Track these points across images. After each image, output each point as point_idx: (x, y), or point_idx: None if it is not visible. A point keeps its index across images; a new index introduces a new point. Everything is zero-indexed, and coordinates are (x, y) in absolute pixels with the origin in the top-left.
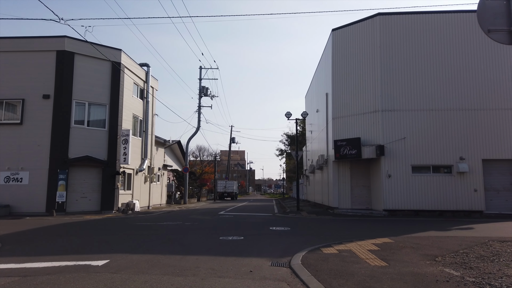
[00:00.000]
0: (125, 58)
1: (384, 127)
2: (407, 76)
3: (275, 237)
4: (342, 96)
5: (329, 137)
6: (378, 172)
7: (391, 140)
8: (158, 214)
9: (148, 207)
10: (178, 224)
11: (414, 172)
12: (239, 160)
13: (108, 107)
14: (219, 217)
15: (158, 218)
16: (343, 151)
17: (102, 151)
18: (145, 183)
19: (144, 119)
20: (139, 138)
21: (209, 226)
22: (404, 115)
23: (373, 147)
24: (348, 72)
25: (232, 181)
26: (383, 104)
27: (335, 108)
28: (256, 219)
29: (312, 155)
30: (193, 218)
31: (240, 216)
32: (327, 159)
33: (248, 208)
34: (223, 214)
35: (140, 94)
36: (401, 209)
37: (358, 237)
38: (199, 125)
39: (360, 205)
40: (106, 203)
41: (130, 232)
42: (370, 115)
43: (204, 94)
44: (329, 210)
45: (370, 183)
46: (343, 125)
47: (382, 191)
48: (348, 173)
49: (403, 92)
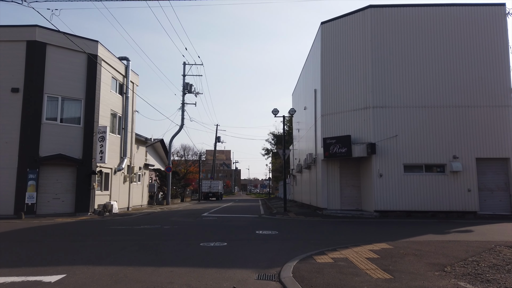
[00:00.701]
0: (102, 51)
1: (376, 125)
2: (399, 71)
3: (261, 243)
4: (331, 92)
5: (318, 135)
6: (369, 171)
7: (382, 138)
8: (136, 216)
9: (128, 208)
10: (156, 227)
11: (406, 172)
12: (224, 159)
13: (84, 102)
14: (201, 220)
15: (135, 221)
16: (333, 150)
17: (76, 149)
18: (124, 183)
19: (123, 115)
20: (117, 136)
21: (189, 230)
22: (396, 112)
23: (364, 145)
24: (338, 67)
25: (217, 181)
26: (374, 101)
27: (324, 105)
28: (241, 222)
29: (300, 154)
30: (173, 221)
31: (224, 218)
32: (316, 158)
33: (233, 209)
34: (206, 216)
35: (119, 89)
36: (392, 210)
37: (353, 242)
38: (182, 123)
39: (350, 206)
40: (81, 204)
41: (101, 237)
42: (360, 112)
43: (188, 91)
44: (318, 211)
45: (360, 183)
46: (332, 122)
47: (373, 191)
48: (337, 172)
49: (395, 88)
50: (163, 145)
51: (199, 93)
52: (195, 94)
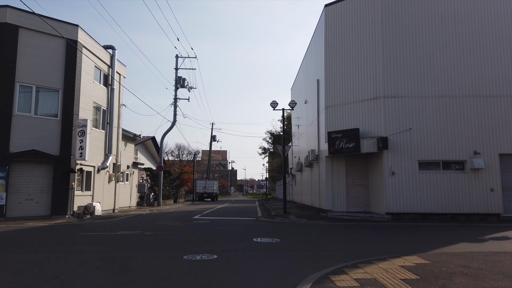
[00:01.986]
0: (83, 36)
1: (387, 117)
2: (413, 57)
3: (261, 255)
4: (336, 81)
5: (321, 130)
6: (379, 169)
7: (394, 131)
8: (120, 220)
9: (114, 210)
10: (136, 234)
11: (421, 169)
12: (221, 160)
13: (62, 93)
14: (191, 223)
15: (116, 225)
16: (339, 145)
17: (53, 144)
18: (109, 183)
19: (108, 109)
20: (102, 131)
21: (174, 238)
22: (409, 103)
23: (374, 140)
24: (343, 54)
25: (212, 181)
26: (386, 90)
27: (329, 96)
28: (236, 226)
29: (300, 152)
30: (159, 225)
31: (218, 221)
32: (318, 155)
33: (228, 210)
34: (197, 219)
35: (104, 80)
36: (406, 212)
37: (375, 254)
38: (175, 119)
39: (357, 208)
40: (58, 206)
41: (64, 247)
42: (370, 102)
43: (181, 85)
44: (321, 213)
45: (368, 182)
46: (338, 114)
47: (385, 191)
48: (343, 170)
49: (408, 76)
50: (154, 143)
51: (192, 87)
52: (188, 89)
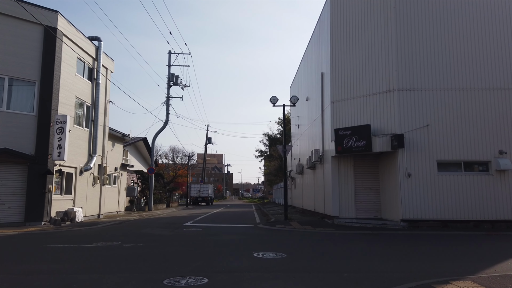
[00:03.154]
0: (64, 24)
1: (402, 111)
2: (431, 45)
3: (266, 279)
4: (344, 73)
5: (326, 127)
6: (393, 170)
7: (410, 128)
8: (102, 227)
9: (99, 215)
10: (113, 246)
11: (440, 171)
12: (216, 163)
13: (38, 85)
14: (181, 232)
15: (95, 234)
16: (347, 143)
17: (28, 142)
18: (94, 186)
19: (93, 105)
20: (85, 129)
21: (158, 251)
22: (427, 96)
23: (387, 137)
24: (352, 43)
25: (207, 184)
26: (400, 82)
27: (335, 90)
28: (232, 235)
29: (300, 154)
30: (143, 234)
31: (211, 229)
32: (323, 155)
33: (223, 216)
34: (189, 227)
35: (88, 74)
36: (424, 219)
37: (411, 276)
38: (167, 119)
39: (367, 214)
40: (32, 212)
41: (17, 265)
42: (382, 96)
43: (174, 83)
44: (326, 219)
45: (379, 185)
46: (345, 110)
47: (400, 195)
48: (351, 172)
49: (425, 66)
50: (146, 144)
51: (186, 85)
52: (182, 87)
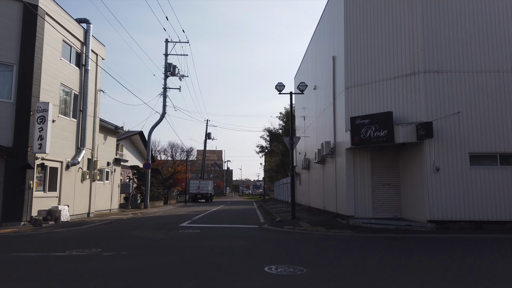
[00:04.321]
0: (47, 2)
1: (429, 97)
2: (463, 19)
3: None
4: (359, 55)
5: (339, 117)
6: (418, 164)
7: (438, 115)
8: (88, 228)
9: (88, 214)
10: (88, 255)
11: (473, 164)
12: (216, 160)
13: (17, 69)
14: (176, 235)
15: (75, 237)
16: (365, 133)
17: (5, 133)
18: (83, 182)
19: (81, 94)
20: (72, 120)
21: (142, 264)
22: (458, 79)
23: (413, 126)
24: (368, 20)
25: (206, 180)
26: (427, 63)
27: (350, 74)
28: (235, 240)
29: (306, 147)
30: (131, 238)
31: (211, 231)
32: (334, 148)
33: (224, 214)
34: (185, 228)
35: (76, 60)
36: (455, 220)
37: None
38: (164, 111)
39: (386, 213)
40: (10, 210)
41: None
42: (405, 79)
43: (171, 73)
44: (339, 219)
45: (400, 180)
46: (361, 96)
47: (426, 192)
48: (368, 166)
49: (457, 44)
50: (142, 138)
51: (184, 75)
52: (179, 77)
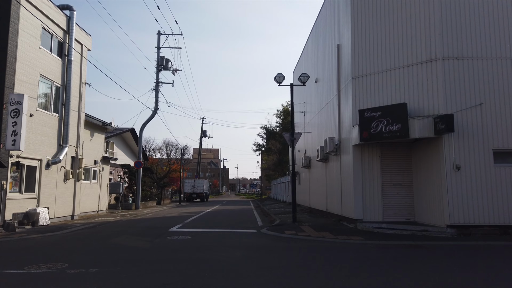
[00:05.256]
0: None
1: (448, 86)
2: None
3: None
4: (368, 42)
5: (344, 110)
6: (435, 161)
7: (458, 107)
8: (66, 233)
9: (72, 216)
10: (48, 273)
11: (498, 162)
12: (212, 158)
13: None
14: (163, 242)
15: (45, 246)
16: (376, 128)
17: None
18: (66, 182)
19: (64, 86)
20: (54, 114)
21: (111, 284)
22: (481, 67)
23: (430, 119)
24: (379, 4)
25: (202, 179)
26: (446, 48)
27: (357, 63)
28: (230, 251)
29: (306, 144)
30: (111, 247)
31: (202, 237)
32: (339, 145)
33: (219, 216)
34: (174, 233)
35: (58, 49)
36: (477, 225)
37: None
38: (156, 107)
39: (397, 216)
40: None
41: None
42: (420, 67)
43: (164, 67)
44: (345, 222)
45: (413, 180)
46: (370, 87)
47: (446, 194)
48: (377, 164)
49: (479, 28)
50: (134, 135)
51: (177, 69)
52: (172, 71)
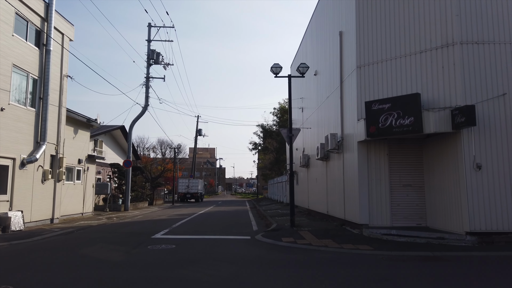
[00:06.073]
0: None
1: (467, 75)
2: None
3: None
4: (375, 27)
5: (348, 103)
6: (451, 159)
7: (478, 98)
8: (35, 241)
9: (52, 220)
10: None
11: None
12: (209, 157)
13: None
14: (140, 254)
15: (1, 259)
16: (385, 121)
17: None
18: (44, 183)
19: (42, 78)
20: (30, 109)
21: None
22: (503, 52)
23: (447, 112)
24: None
25: (196, 179)
26: (464, 32)
27: (362, 50)
28: (216, 266)
29: (304, 142)
30: (75, 261)
31: (188, 247)
32: (342, 141)
33: (212, 218)
34: (158, 241)
35: (35, 38)
36: (501, 232)
37: None
38: (147, 103)
39: (407, 221)
40: None
41: None
42: (435, 53)
43: (155, 61)
44: (349, 227)
45: (424, 180)
46: (377, 76)
47: (465, 197)
48: (385, 163)
49: (501, 8)
50: (124, 133)
51: (169, 64)
52: (164, 66)
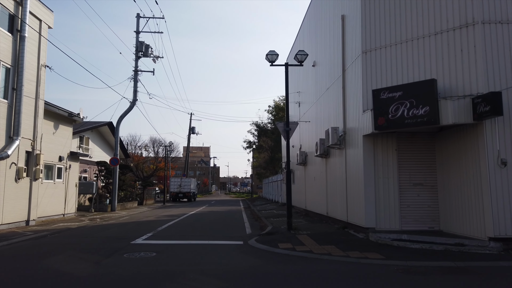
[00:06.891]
0: None
1: (489, 59)
2: None
3: None
4: (383, 7)
5: (351, 93)
6: (469, 155)
7: (503, 85)
8: (0, 247)
9: (28, 222)
10: None
11: None
12: (203, 156)
13: None
14: (112, 264)
15: None
16: (396, 112)
17: None
18: (18, 181)
19: (16, 67)
20: (1, 101)
21: None
22: None
23: (467, 100)
24: None
25: (189, 178)
26: (486, 10)
27: (368, 33)
28: (201, 281)
29: (302, 139)
30: (34, 274)
31: (172, 253)
32: (344, 136)
33: (203, 219)
34: (136, 247)
35: (9, 24)
36: None
37: None
38: (135, 97)
39: (418, 224)
40: None
41: None
42: (452, 35)
43: (144, 54)
44: (352, 231)
45: (437, 178)
46: (385, 62)
47: (488, 197)
48: (393, 159)
49: None
50: (112, 130)
51: (159, 56)
52: (153, 59)
